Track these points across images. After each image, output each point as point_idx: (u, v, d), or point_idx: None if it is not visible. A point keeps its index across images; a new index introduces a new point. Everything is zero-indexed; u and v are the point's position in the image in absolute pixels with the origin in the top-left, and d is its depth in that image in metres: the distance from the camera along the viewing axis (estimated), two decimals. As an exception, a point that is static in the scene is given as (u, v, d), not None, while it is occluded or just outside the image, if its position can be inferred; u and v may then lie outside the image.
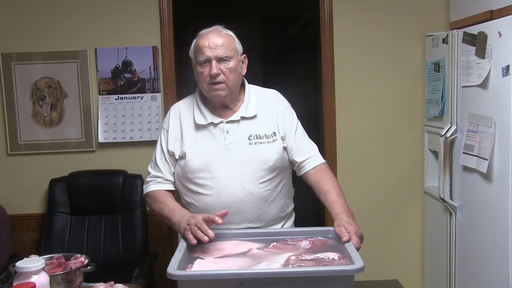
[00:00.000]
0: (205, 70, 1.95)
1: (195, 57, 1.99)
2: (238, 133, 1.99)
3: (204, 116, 2.02)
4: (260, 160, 1.96)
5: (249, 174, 1.95)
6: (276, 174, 2.01)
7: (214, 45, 1.94)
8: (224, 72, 1.94)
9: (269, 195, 1.99)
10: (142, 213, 3.10)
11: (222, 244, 1.76)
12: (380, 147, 3.37)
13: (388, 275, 3.41)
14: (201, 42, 1.96)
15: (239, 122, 2.01)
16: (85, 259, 1.79)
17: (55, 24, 3.22)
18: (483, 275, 2.56)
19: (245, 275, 1.48)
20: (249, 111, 2.03)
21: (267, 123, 2.03)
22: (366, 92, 3.33)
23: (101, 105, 3.25)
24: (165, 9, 3.23)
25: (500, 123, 2.35)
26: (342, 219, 1.82)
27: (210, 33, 1.98)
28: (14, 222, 3.23)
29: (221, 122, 2.00)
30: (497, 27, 2.35)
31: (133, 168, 3.23)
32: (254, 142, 1.98)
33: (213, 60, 1.93)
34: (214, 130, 2.00)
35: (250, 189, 1.95)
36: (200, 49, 1.95)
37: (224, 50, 1.94)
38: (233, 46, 1.99)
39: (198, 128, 2.02)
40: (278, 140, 2.01)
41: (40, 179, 3.23)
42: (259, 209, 1.98)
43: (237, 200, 1.95)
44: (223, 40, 1.95)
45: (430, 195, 3.22)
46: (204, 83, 1.97)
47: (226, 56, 1.94)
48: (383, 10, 3.28)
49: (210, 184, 1.96)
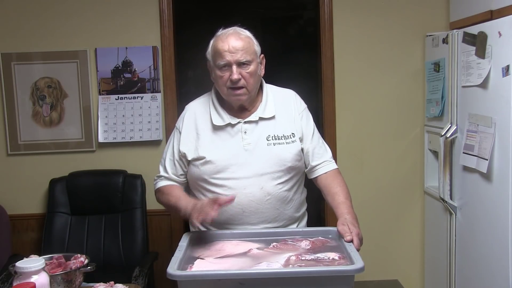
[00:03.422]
0: (225, 75, 1.92)
1: (214, 60, 1.95)
2: (256, 134, 1.97)
3: (221, 117, 1.99)
4: (278, 160, 1.95)
5: (267, 175, 1.94)
6: (293, 175, 2.00)
7: (234, 49, 1.90)
8: (244, 76, 1.91)
9: (287, 195, 1.98)
10: (142, 213, 3.10)
11: (222, 244, 1.76)
12: (380, 147, 3.37)
13: (388, 275, 3.41)
14: (220, 45, 1.92)
15: (257, 122, 1.99)
16: (85, 259, 1.79)
17: (55, 24, 3.22)
18: (483, 275, 2.56)
19: (245, 275, 1.48)
20: (267, 111, 2.00)
21: (286, 123, 2.01)
22: (366, 92, 3.33)
23: (101, 105, 3.25)
24: (165, 9, 3.23)
25: (500, 123, 2.35)
26: (347, 219, 1.82)
27: (230, 36, 1.93)
28: (14, 222, 3.23)
29: (239, 122, 1.98)
30: (497, 27, 2.34)
31: (133, 168, 3.23)
32: (273, 143, 1.96)
33: (234, 65, 1.90)
34: (231, 130, 1.98)
35: (268, 190, 1.94)
36: (219, 53, 1.91)
37: (244, 54, 1.91)
38: (253, 49, 1.95)
39: (215, 129, 1.99)
40: (296, 141, 1.99)
41: (40, 179, 3.23)
42: (276, 209, 1.96)
43: (255, 201, 1.93)
44: (243, 44, 1.92)
45: (430, 195, 3.22)
46: (223, 87, 1.95)
47: (247, 61, 1.91)
48: (383, 10, 3.28)
49: (228, 184, 1.94)
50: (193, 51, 5.00)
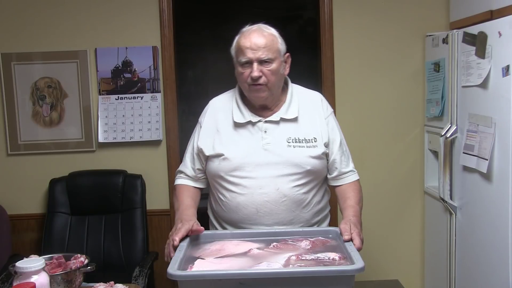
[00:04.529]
0: (246, 71, 1.91)
1: (236, 56, 1.94)
2: (277, 134, 1.95)
3: (242, 114, 1.98)
4: (297, 163, 1.92)
5: (284, 176, 1.92)
6: (312, 179, 1.97)
7: (256, 47, 1.88)
8: (265, 74, 1.90)
9: (303, 198, 1.96)
10: (142, 213, 3.10)
11: (223, 244, 1.76)
12: (380, 147, 3.36)
13: (388, 275, 3.41)
14: (242, 42, 1.91)
15: (278, 123, 1.97)
16: (85, 259, 1.79)
17: (55, 24, 3.22)
18: (483, 275, 2.56)
19: (245, 275, 1.48)
20: (289, 112, 1.98)
21: (308, 127, 1.98)
22: (366, 92, 3.33)
23: (101, 105, 3.25)
24: (165, 9, 3.23)
25: (500, 123, 2.35)
26: (351, 220, 1.83)
27: (253, 33, 1.92)
28: (14, 222, 3.23)
29: (260, 121, 1.97)
30: (497, 27, 2.34)
31: (133, 168, 3.23)
32: (293, 145, 1.94)
33: (255, 62, 1.88)
34: (252, 128, 1.97)
35: (284, 191, 1.92)
36: (241, 50, 1.90)
37: (266, 52, 1.89)
38: (276, 47, 1.93)
39: (236, 126, 1.98)
40: (318, 146, 1.96)
41: (40, 179, 3.23)
42: (292, 212, 1.94)
43: (271, 201, 1.92)
44: (266, 41, 1.90)
45: (430, 195, 3.22)
46: (244, 84, 1.93)
47: (268, 58, 1.89)
48: (383, 10, 3.28)
49: (244, 183, 1.93)
50: (193, 51, 5.03)
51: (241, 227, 1.96)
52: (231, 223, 1.99)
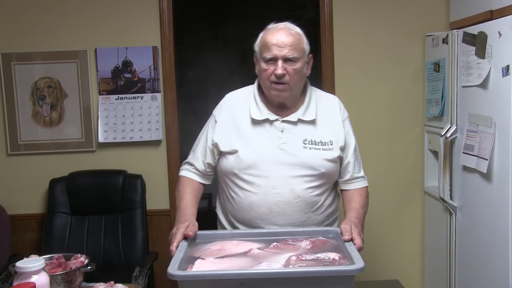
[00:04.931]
0: (269, 68, 1.90)
1: (261, 52, 1.93)
2: (293, 134, 1.95)
3: (260, 111, 1.97)
4: (312, 165, 1.92)
5: (298, 178, 1.91)
6: (325, 182, 1.97)
7: (282, 44, 1.88)
8: (289, 72, 1.89)
9: (316, 200, 1.96)
10: (142, 213, 3.10)
11: (223, 244, 1.76)
12: (380, 147, 3.36)
13: (389, 275, 3.40)
14: (269, 38, 1.90)
15: (296, 124, 1.96)
16: (85, 259, 1.80)
17: (55, 24, 3.22)
18: (483, 275, 2.56)
19: (245, 275, 1.48)
20: (307, 114, 1.98)
21: (325, 130, 1.98)
22: (366, 92, 3.33)
23: (101, 105, 3.25)
24: (165, 9, 3.23)
25: (500, 123, 2.35)
26: (352, 220, 1.83)
27: (280, 30, 1.91)
28: (14, 222, 3.23)
29: (277, 120, 1.96)
30: (497, 27, 2.34)
31: (133, 168, 3.23)
32: (309, 147, 1.93)
33: (280, 59, 1.88)
34: (269, 127, 1.96)
35: (298, 193, 1.92)
36: (267, 46, 1.89)
37: (292, 50, 1.88)
38: (301, 46, 1.93)
39: (253, 123, 1.97)
40: (333, 150, 1.96)
41: (40, 179, 3.23)
42: (305, 213, 1.95)
43: (284, 202, 1.92)
44: (293, 40, 1.90)
45: (430, 195, 3.22)
46: (266, 81, 1.92)
47: (294, 57, 1.88)
48: (383, 10, 3.28)
49: (258, 182, 1.92)
50: (193, 51, 5.03)
51: (253, 226, 1.95)
52: (243, 222, 1.98)
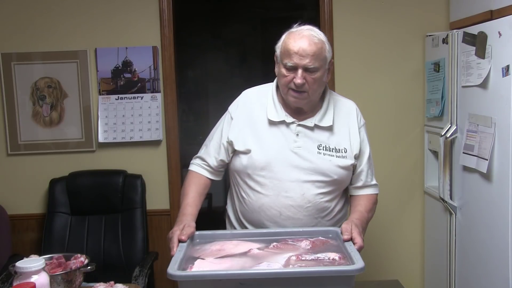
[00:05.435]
0: (289, 75, 1.86)
1: (282, 57, 1.89)
2: (308, 139, 1.93)
3: (277, 112, 1.95)
4: (324, 171, 1.91)
5: (310, 182, 1.91)
6: (336, 188, 1.97)
7: (304, 53, 1.82)
8: (308, 81, 1.85)
9: (326, 206, 1.95)
10: (142, 213, 3.10)
11: (223, 244, 1.76)
12: (380, 147, 3.36)
13: (389, 275, 3.40)
14: (291, 45, 1.85)
15: (312, 129, 1.94)
16: (85, 259, 1.80)
17: (55, 24, 3.22)
18: (483, 275, 2.56)
19: (245, 276, 1.48)
20: (324, 121, 1.96)
21: (341, 137, 1.97)
22: (366, 92, 3.33)
23: (101, 105, 3.25)
24: (165, 9, 3.23)
25: (500, 123, 2.35)
26: (353, 221, 1.83)
27: (303, 38, 1.85)
28: (14, 222, 3.23)
29: (294, 122, 1.94)
30: (497, 27, 2.34)
31: (133, 168, 3.23)
32: (323, 153, 1.92)
33: (300, 69, 1.84)
34: (285, 129, 1.94)
35: (309, 198, 1.91)
36: (288, 53, 1.85)
37: (313, 60, 1.83)
38: (323, 55, 1.87)
39: (269, 124, 1.95)
40: (347, 157, 1.95)
41: (40, 179, 3.23)
42: (315, 218, 1.94)
43: (295, 206, 1.91)
44: (315, 50, 1.83)
45: (430, 195, 3.22)
46: (284, 87, 1.89)
47: (314, 67, 1.84)
48: (383, 10, 3.28)
49: (270, 184, 1.91)
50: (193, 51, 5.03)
51: (262, 227, 1.95)
52: (252, 223, 1.98)
